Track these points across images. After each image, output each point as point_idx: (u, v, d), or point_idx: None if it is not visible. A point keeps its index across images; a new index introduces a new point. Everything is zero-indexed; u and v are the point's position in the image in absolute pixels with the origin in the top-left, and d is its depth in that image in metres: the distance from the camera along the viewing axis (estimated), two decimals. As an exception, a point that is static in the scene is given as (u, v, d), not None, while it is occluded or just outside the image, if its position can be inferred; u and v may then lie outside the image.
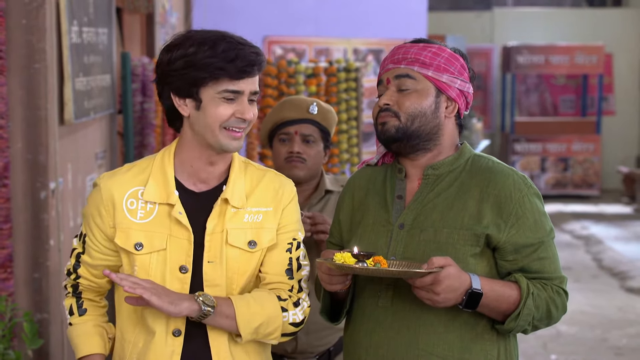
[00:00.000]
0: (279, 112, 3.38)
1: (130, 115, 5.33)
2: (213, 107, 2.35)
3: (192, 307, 2.33)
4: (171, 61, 2.36)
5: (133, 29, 6.40)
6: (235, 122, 2.37)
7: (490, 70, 15.59)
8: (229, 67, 2.32)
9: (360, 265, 2.31)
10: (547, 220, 2.48)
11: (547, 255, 2.46)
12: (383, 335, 2.47)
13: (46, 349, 3.99)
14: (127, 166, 2.49)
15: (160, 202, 2.40)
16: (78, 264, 2.48)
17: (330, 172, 5.81)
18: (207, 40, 2.34)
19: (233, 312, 2.37)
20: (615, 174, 14.83)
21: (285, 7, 8.69)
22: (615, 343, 6.99)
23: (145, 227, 2.40)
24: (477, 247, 2.42)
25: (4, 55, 3.80)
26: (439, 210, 2.45)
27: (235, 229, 2.41)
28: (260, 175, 2.49)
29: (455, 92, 2.51)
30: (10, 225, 3.86)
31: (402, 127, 2.46)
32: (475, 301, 2.35)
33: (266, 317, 2.41)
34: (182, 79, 2.34)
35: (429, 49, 2.50)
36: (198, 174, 2.43)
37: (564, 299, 2.48)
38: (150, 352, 2.41)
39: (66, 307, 2.54)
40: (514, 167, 2.54)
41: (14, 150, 3.89)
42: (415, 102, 2.47)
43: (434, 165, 2.50)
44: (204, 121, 2.36)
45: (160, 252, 2.39)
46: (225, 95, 2.34)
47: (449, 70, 2.48)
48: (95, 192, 2.45)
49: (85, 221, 2.48)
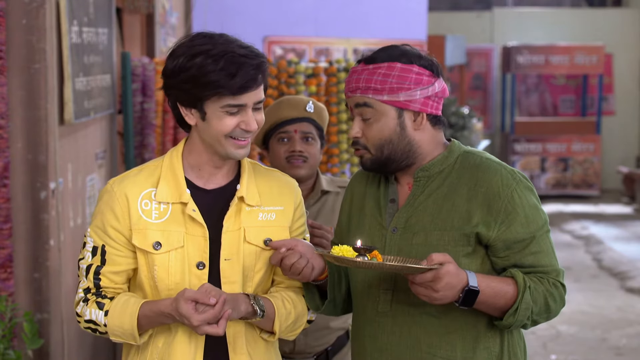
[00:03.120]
0: (276, 112, 3.37)
1: (131, 115, 5.32)
2: (217, 120, 2.38)
3: (247, 310, 2.40)
4: (175, 72, 2.37)
5: (133, 29, 6.39)
6: (240, 132, 2.40)
7: (490, 70, 15.59)
8: (230, 84, 2.33)
9: (361, 259, 2.32)
10: (539, 213, 2.45)
11: (540, 249, 2.44)
12: (386, 341, 2.48)
13: (46, 349, 3.99)
14: (136, 169, 2.50)
15: (173, 201, 2.43)
16: (98, 278, 2.44)
17: (330, 173, 5.80)
18: (208, 54, 2.34)
19: (274, 312, 2.45)
20: (615, 174, 14.83)
21: (285, 7, 8.69)
22: (615, 343, 6.99)
23: (161, 226, 2.42)
24: (469, 247, 2.42)
25: (4, 55, 3.80)
26: (430, 213, 2.45)
27: (251, 227, 2.46)
28: (268, 175, 2.55)
29: (418, 104, 2.46)
30: (10, 225, 3.86)
31: (375, 159, 2.48)
32: (472, 298, 2.35)
33: (296, 316, 2.51)
34: (185, 92, 2.37)
35: (378, 72, 2.45)
36: (207, 174, 2.47)
37: (562, 291, 2.47)
38: (174, 351, 2.42)
39: (93, 316, 2.44)
40: (509, 165, 2.52)
41: (14, 150, 3.89)
42: (378, 131, 2.45)
43: (424, 167, 2.49)
44: (209, 131, 2.40)
45: (178, 250, 2.41)
46: (228, 109, 2.37)
47: (403, 87, 2.44)
48: (109, 196, 2.44)
49: (98, 233, 2.45)
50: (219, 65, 2.32)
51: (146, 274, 2.44)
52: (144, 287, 2.45)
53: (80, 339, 4.38)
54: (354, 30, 8.71)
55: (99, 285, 2.45)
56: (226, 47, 2.35)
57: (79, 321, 2.48)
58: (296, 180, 3.32)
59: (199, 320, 2.28)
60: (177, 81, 2.37)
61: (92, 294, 2.45)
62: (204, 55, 2.34)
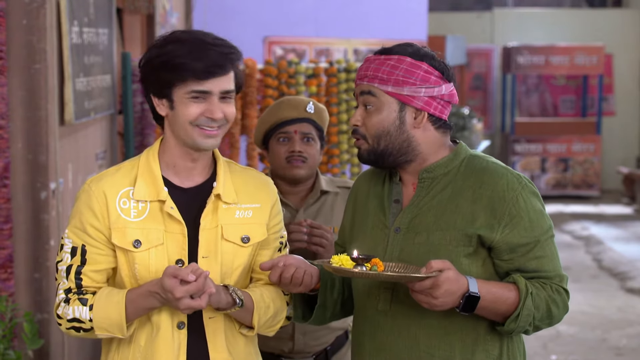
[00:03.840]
0: (276, 112, 3.37)
1: (131, 116, 5.33)
2: (183, 107, 2.40)
3: (227, 300, 2.40)
4: (148, 61, 2.42)
5: (133, 30, 6.40)
6: (205, 121, 2.40)
7: (491, 70, 15.59)
8: (194, 67, 2.35)
9: (359, 270, 2.32)
10: (544, 218, 2.45)
11: (544, 254, 2.44)
12: (385, 339, 2.48)
13: (46, 349, 3.99)
14: (113, 169, 2.50)
15: (151, 199, 2.44)
16: (79, 278, 2.43)
17: (330, 173, 5.81)
18: (177, 40, 2.38)
19: (252, 304, 2.45)
20: (615, 175, 14.83)
21: (286, 8, 8.69)
22: (615, 343, 6.99)
23: (140, 224, 2.42)
24: (470, 247, 2.41)
25: (4, 55, 3.80)
26: (433, 214, 2.45)
27: (229, 224, 2.47)
28: (244, 173, 2.56)
29: (421, 101, 2.46)
30: (10, 226, 3.86)
31: (371, 150, 2.48)
32: (472, 304, 2.35)
33: (275, 310, 2.50)
34: (156, 80, 2.41)
35: (388, 62, 2.47)
36: (182, 172, 2.48)
37: (565, 297, 2.46)
38: (157, 348, 2.42)
39: (77, 313, 2.42)
40: (512, 168, 2.52)
41: (15, 151, 3.89)
42: (377, 120, 2.46)
43: (428, 168, 2.49)
44: (177, 120, 2.42)
45: (158, 247, 2.41)
46: (193, 95, 2.38)
47: (409, 82, 2.44)
48: (87, 196, 2.45)
49: (76, 233, 2.44)
50: (185, 50, 2.36)
51: (127, 273, 2.43)
52: (125, 286, 2.45)
53: (80, 339, 4.38)
54: (355, 30, 8.72)
55: (80, 285, 2.43)
56: (198, 36, 2.40)
57: (60, 323, 2.44)
58: (295, 180, 3.34)
59: (182, 291, 2.27)
60: (149, 69, 2.41)
61: (73, 293, 2.44)
62: (174, 43, 2.38)
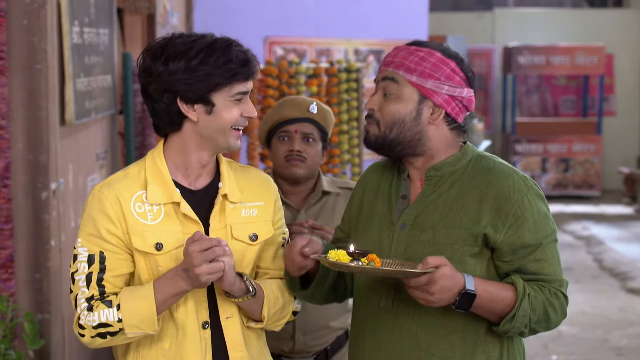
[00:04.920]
0: (279, 111, 3.38)
1: (132, 116, 5.33)
2: (225, 110, 2.42)
3: (241, 286, 2.43)
4: (178, 69, 2.38)
5: (134, 30, 6.40)
6: (242, 121, 2.46)
7: (491, 70, 15.59)
8: (242, 70, 2.40)
9: (355, 264, 2.32)
10: (548, 222, 2.45)
11: (545, 257, 2.44)
12: (386, 337, 2.48)
13: (47, 349, 3.99)
14: (120, 174, 2.49)
15: (165, 202, 2.43)
16: (102, 285, 2.40)
17: (331, 173, 5.81)
18: (215, 47, 2.39)
19: (263, 295, 2.48)
20: (616, 175, 14.83)
21: (286, 8, 8.69)
22: (615, 344, 6.99)
23: (158, 227, 2.42)
24: (476, 247, 2.42)
25: (5, 55, 3.80)
26: (439, 211, 2.45)
27: (237, 223, 2.49)
28: (245, 171, 2.58)
29: (442, 98, 2.46)
30: (11, 226, 3.86)
31: (380, 136, 2.48)
32: (468, 302, 2.35)
33: (283, 302, 2.53)
34: (194, 85, 2.38)
35: (417, 53, 2.48)
36: (192, 174, 2.49)
37: (563, 302, 2.46)
38: (186, 350, 2.43)
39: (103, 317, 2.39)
40: (515, 168, 2.53)
41: (15, 151, 3.89)
42: (395, 108, 2.46)
43: (436, 166, 2.49)
44: (215, 124, 2.42)
45: (179, 249, 2.41)
46: (237, 97, 2.42)
47: (434, 75, 2.45)
48: (98, 202, 2.42)
49: (92, 241, 2.41)
50: (224, 53, 2.38)
51: (147, 277, 2.42)
52: None
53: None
54: (355, 30, 8.71)
55: (104, 292, 2.41)
56: (220, 39, 2.42)
57: (83, 334, 2.39)
58: (294, 179, 3.35)
59: (196, 246, 2.29)
60: (181, 77, 2.38)
61: (96, 300, 2.40)
62: (211, 49, 2.38)
